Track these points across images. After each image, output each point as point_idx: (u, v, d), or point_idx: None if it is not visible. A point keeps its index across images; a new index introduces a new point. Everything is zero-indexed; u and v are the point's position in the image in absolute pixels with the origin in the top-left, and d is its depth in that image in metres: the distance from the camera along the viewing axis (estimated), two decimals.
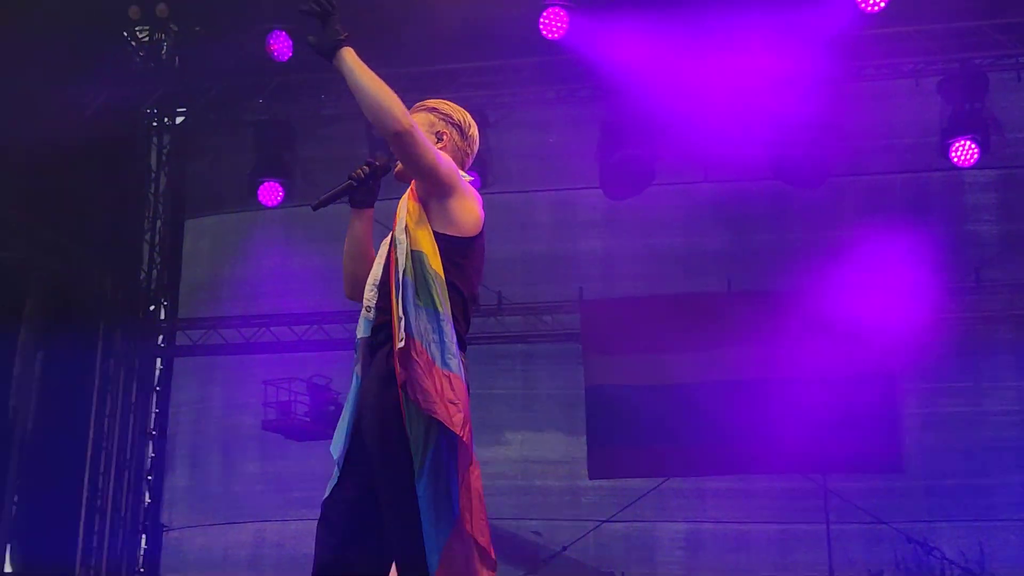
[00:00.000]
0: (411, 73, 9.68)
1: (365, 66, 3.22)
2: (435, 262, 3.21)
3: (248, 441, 11.14)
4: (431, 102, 3.62)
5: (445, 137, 3.50)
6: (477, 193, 3.45)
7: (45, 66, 8.32)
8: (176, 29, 9.14)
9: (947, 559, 9.42)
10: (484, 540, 3.12)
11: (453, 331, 3.18)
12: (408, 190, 3.37)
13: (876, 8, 8.56)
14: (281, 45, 8.89)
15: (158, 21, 8.71)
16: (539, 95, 9.84)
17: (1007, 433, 9.61)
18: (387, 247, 3.34)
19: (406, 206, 3.32)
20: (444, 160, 3.32)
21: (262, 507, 11.00)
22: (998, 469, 9.58)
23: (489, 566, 3.11)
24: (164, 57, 9.97)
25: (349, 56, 3.25)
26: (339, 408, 10.84)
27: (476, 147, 3.61)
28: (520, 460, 10.64)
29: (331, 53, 3.24)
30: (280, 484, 11.02)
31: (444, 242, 3.27)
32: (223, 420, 11.34)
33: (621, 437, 9.90)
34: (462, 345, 3.29)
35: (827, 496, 9.57)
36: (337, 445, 3.33)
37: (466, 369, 3.25)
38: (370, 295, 3.36)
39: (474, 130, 3.60)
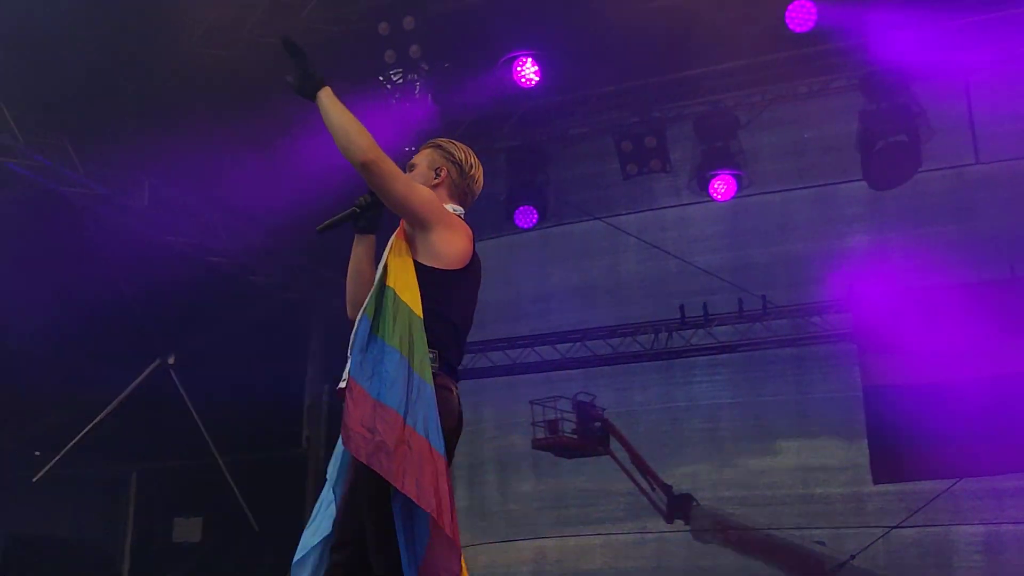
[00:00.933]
0: (658, 83, 9.68)
1: (339, 103, 3.35)
2: (408, 295, 3.32)
3: (521, 460, 11.40)
4: (439, 140, 3.79)
5: (443, 173, 3.65)
6: (465, 226, 3.56)
7: (305, 118, 8.84)
8: (427, 68, 9.48)
9: None
10: (457, 536, 3.21)
11: (406, 363, 3.24)
12: (399, 225, 3.50)
13: None
14: (527, 71, 9.06)
15: (410, 62, 9.05)
16: (790, 91, 9.55)
17: None
18: None
19: (391, 241, 3.48)
20: (420, 193, 3.44)
21: (539, 524, 11.21)
22: None
23: (458, 554, 3.20)
24: (418, 96, 10.37)
25: (326, 96, 3.37)
26: (605, 425, 11.02)
27: (478, 186, 3.78)
28: (798, 468, 10.34)
29: (311, 94, 3.37)
30: (555, 501, 11.21)
31: (429, 274, 3.37)
32: (496, 440, 11.65)
33: (905, 439, 9.43)
34: (452, 372, 3.40)
35: None
36: (333, 467, 3.47)
37: (450, 392, 3.35)
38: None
39: (476, 170, 3.75)
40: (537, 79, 9.04)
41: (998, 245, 9.61)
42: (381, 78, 10.08)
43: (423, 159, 3.70)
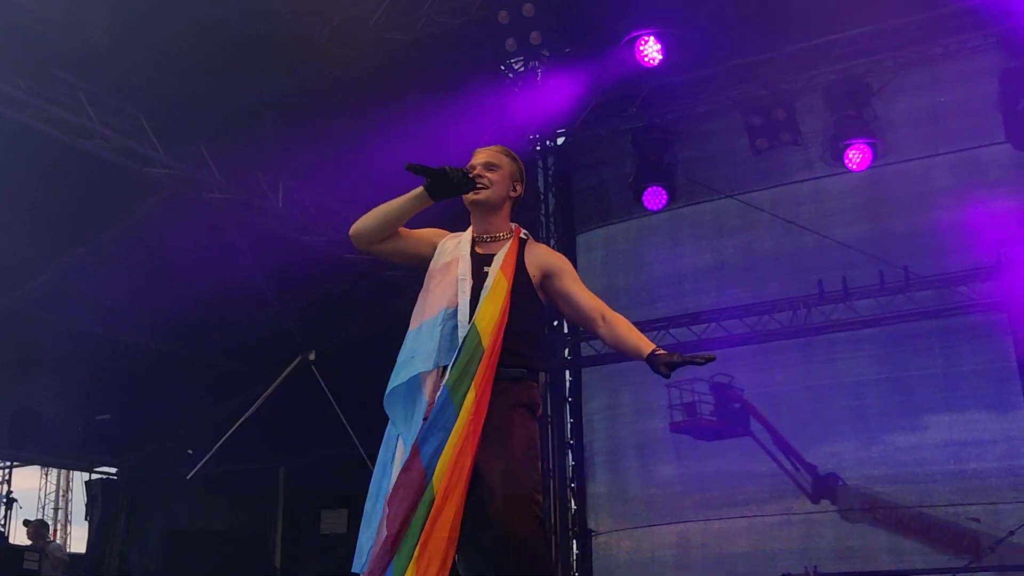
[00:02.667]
0: (784, 54, 9.46)
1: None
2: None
3: (660, 444, 11.30)
4: (514, 154, 3.91)
5: (519, 189, 3.88)
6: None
7: (436, 111, 8.93)
8: (548, 54, 9.46)
9: None
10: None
11: None
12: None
13: None
14: (650, 50, 8.96)
15: (531, 49, 9.05)
16: (924, 54, 9.19)
17: None
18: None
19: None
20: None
21: (681, 508, 11.11)
22: None
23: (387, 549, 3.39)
24: (540, 82, 10.37)
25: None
26: (745, 406, 10.84)
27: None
28: (949, 444, 9.97)
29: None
30: (696, 485, 11.09)
31: None
32: (634, 425, 11.58)
33: None
34: None
35: None
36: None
37: None
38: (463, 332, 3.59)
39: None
40: (660, 57, 8.92)
41: None
42: (503, 67, 10.15)
43: (506, 166, 3.79)
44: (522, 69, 10.10)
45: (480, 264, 3.64)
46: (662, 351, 3.48)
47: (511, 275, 3.60)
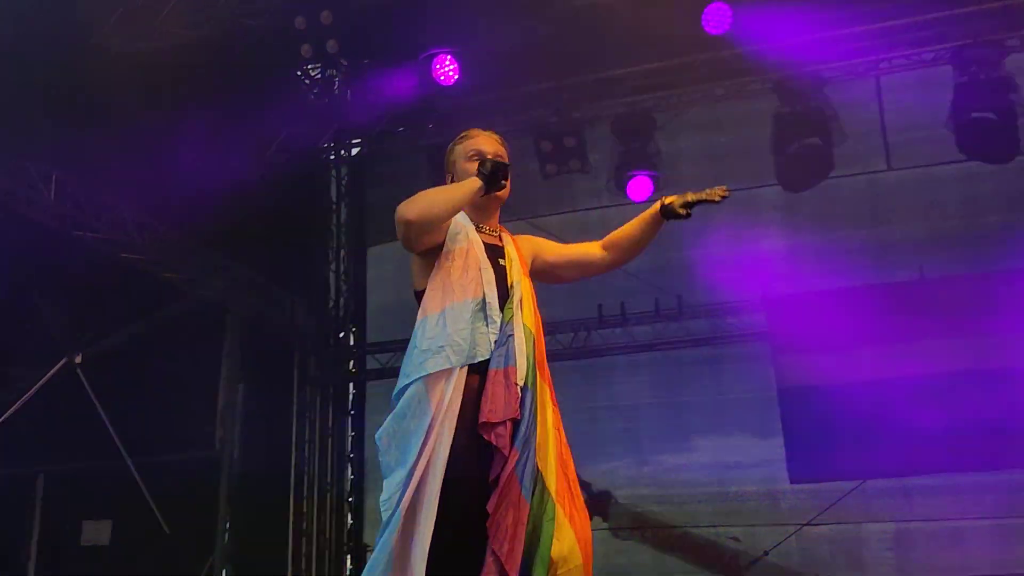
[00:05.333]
0: (577, 83, 9.73)
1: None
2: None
3: None
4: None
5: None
6: None
7: (226, 110, 8.72)
8: (346, 63, 9.40)
9: None
10: None
11: None
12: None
13: None
14: (446, 69, 9.03)
15: (329, 57, 8.96)
16: (707, 93, 9.66)
17: None
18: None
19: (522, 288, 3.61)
20: None
21: None
22: None
23: None
24: (337, 91, 10.28)
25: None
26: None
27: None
28: (714, 466, 10.44)
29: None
30: None
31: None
32: None
33: (820, 438, 9.58)
34: None
35: None
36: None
37: None
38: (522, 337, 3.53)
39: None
40: (456, 76, 9.01)
41: (906, 248, 9.82)
42: (299, 72, 10.01)
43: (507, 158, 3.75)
44: (319, 76, 10.00)
45: (494, 256, 3.58)
46: (671, 197, 3.67)
47: (528, 274, 3.66)
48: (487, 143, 3.69)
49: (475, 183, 3.49)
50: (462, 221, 3.56)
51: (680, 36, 8.87)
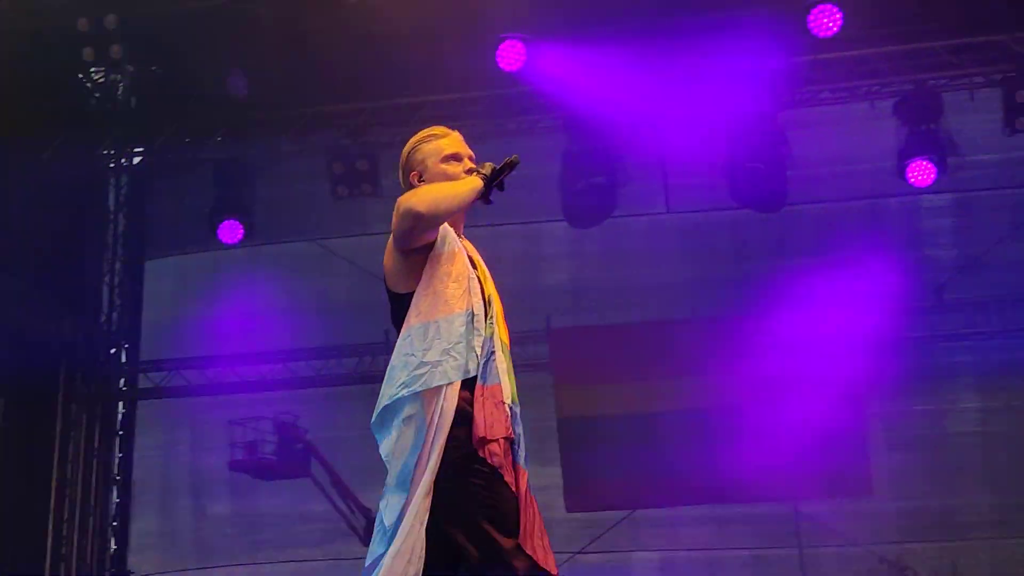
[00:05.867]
0: (372, 108, 9.72)
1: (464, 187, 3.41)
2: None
3: (216, 483, 11.02)
4: None
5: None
6: None
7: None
8: (132, 69, 9.06)
9: None
10: None
11: None
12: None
13: (829, 33, 8.65)
14: (238, 83, 8.87)
15: (113, 62, 8.63)
16: (500, 127, 9.83)
17: (970, 454, 9.70)
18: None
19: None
20: None
21: (233, 550, 10.86)
22: (964, 489, 9.65)
23: None
24: (120, 98, 9.89)
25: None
26: (307, 447, 10.86)
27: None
28: None
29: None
30: (249, 526, 10.91)
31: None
32: (190, 463, 11.22)
33: (596, 468, 9.87)
34: None
35: (799, 520, 9.57)
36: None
37: None
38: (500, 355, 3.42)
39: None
40: (246, 92, 8.85)
41: (682, 288, 10.25)
42: (81, 75, 9.58)
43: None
44: (102, 80, 9.60)
45: (471, 264, 3.46)
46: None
47: None
48: (459, 144, 3.60)
49: (476, 183, 3.39)
50: (447, 225, 3.42)
51: (476, 70, 9.01)
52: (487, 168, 3.42)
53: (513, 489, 3.18)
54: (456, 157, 3.53)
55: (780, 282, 9.53)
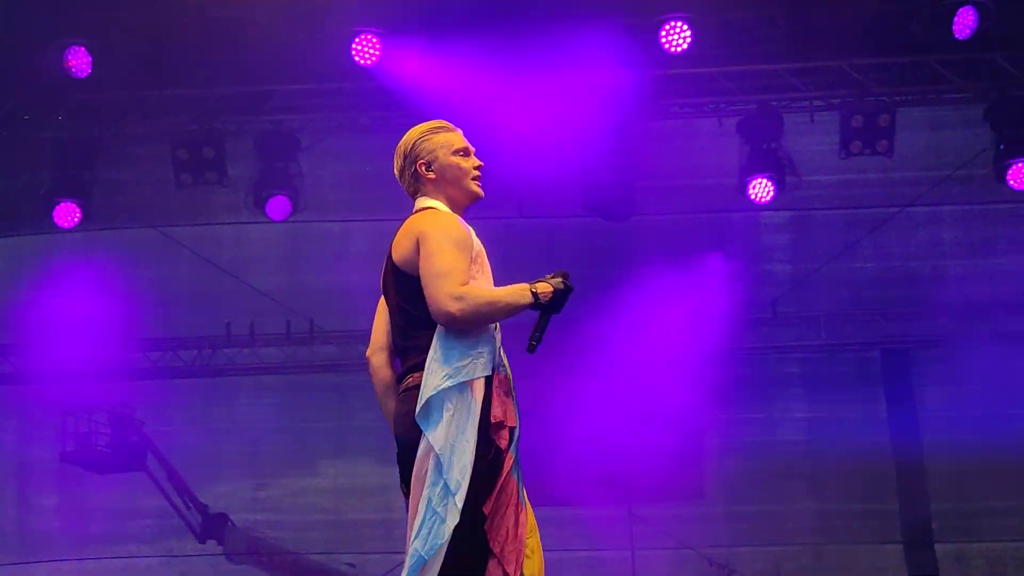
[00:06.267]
0: (224, 93, 9.50)
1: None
2: None
3: (45, 475, 10.65)
4: None
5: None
6: None
7: None
8: None
9: None
10: None
11: None
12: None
13: (679, 49, 8.86)
14: (80, 61, 8.55)
15: None
16: (354, 122, 9.75)
17: (799, 462, 10.08)
18: None
19: None
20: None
21: (60, 544, 10.50)
22: (792, 495, 10.03)
23: None
24: None
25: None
26: (143, 440, 10.56)
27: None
28: (334, 491, 10.47)
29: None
30: (78, 520, 10.57)
31: None
32: (17, 453, 10.79)
33: None
34: None
35: (632, 523, 9.78)
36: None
37: None
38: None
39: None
40: (89, 70, 8.55)
41: None
42: None
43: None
44: None
45: None
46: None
47: None
48: (465, 141, 3.66)
49: (525, 301, 3.43)
50: (478, 247, 3.52)
51: (330, 62, 8.91)
52: (546, 292, 3.50)
53: (502, 478, 3.25)
54: (466, 152, 3.61)
55: (625, 290, 9.71)
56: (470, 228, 3.50)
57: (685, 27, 8.78)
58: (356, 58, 8.69)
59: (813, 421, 10.02)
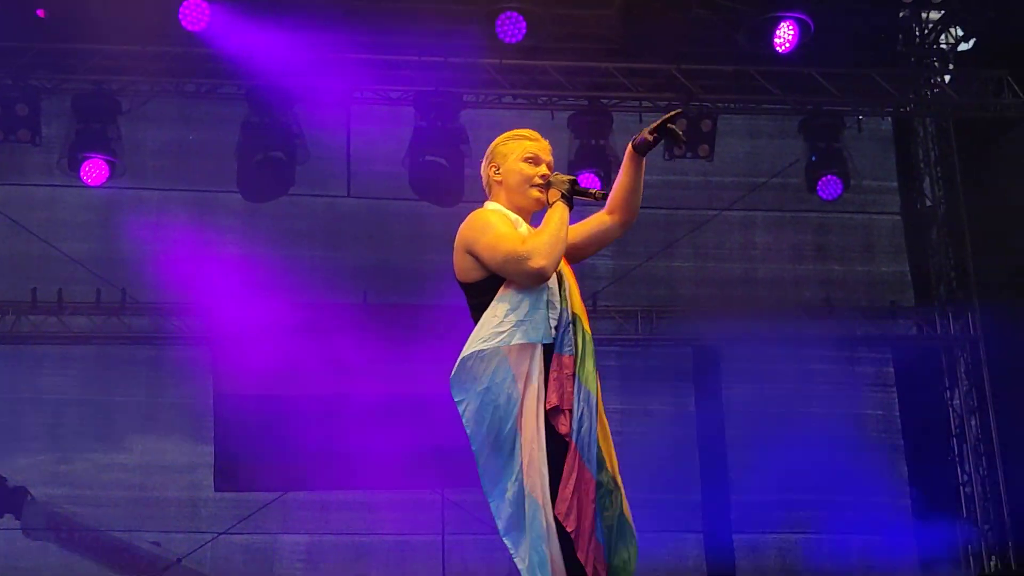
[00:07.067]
0: (43, 48, 9.07)
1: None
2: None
3: None
4: None
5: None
6: None
7: None
8: None
9: None
10: None
11: None
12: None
13: (514, 40, 8.95)
14: None
15: None
16: (178, 88, 9.46)
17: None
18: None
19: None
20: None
21: None
22: None
23: None
24: None
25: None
26: None
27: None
28: (140, 468, 10.15)
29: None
30: None
31: None
32: None
33: (250, 448, 9.71)
34: None
35: (444, 507, 9.83)
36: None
37: None
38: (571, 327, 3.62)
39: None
40: None
41: (355, 273, 10.27)
42: None
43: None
44: None
45: None
46: (641, 135, 3.76)
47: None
48: (545, 152, 3.83)
49: (566, 210, 3.64)
50: (514, 218, 3.68)
51: (156, 24, 8.61)
52: (563, 184, 3.71)
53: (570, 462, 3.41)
54: (536, 160, 3.76)
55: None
56: (518, 217, 3.72)
57: (520, 18, 8.87)
58: (184, 22, 8.43)
59: (627, 413, 10.26)
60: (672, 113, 3.74)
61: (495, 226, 3.55)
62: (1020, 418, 10.15)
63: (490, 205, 3.76)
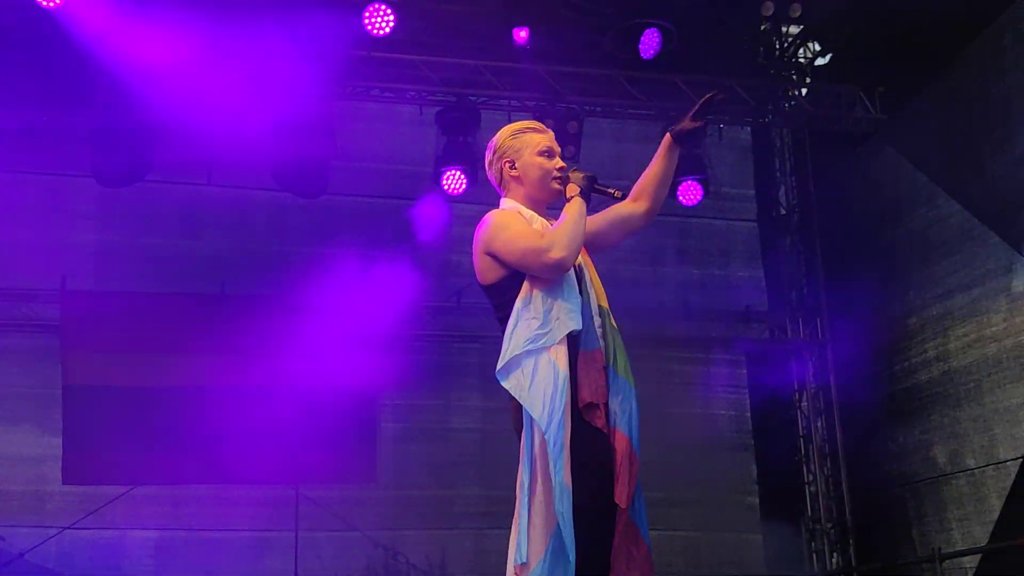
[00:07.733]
0: None
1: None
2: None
3: None
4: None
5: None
6: None
7: None
8: None
9: (411, 563, 10.00)
10: None
11: None
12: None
13: (382, 32, 8.89)
14: None
15: None
16: (30, 67, 8.95)
17: (470, 448, 10.37)
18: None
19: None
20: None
21: None
22: (460, 481, 10.31)
23: None
24: None
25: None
26: None
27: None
28: None
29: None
30: None
31: None
32: None
33: (99, 440, 9.40)
34: None
35: (299, 503, 9.70)
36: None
37: None
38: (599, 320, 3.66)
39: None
40: None
41: (216, 264, 10.04)
42: None
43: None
44: None
45: None
46: (679, 124, 3.76)
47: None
48: (554, 142, 3.87)
49: (583, 205, 3.68)
50: (529, 215, 3.73)
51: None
52: (582, 179, 3.73)
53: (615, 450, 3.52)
54: (550, 153, 3.80)
55: (312, 269, 9.62)
56: (535, 215, 3.77)
57: (388, 11, 8.82)
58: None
59: (486, 411, 10.31)
60: (709, 95, 3.73)
61: (511, 225, 3.65)
62: (863, 421, 10.59)
63: (506, 203, 3.82)
